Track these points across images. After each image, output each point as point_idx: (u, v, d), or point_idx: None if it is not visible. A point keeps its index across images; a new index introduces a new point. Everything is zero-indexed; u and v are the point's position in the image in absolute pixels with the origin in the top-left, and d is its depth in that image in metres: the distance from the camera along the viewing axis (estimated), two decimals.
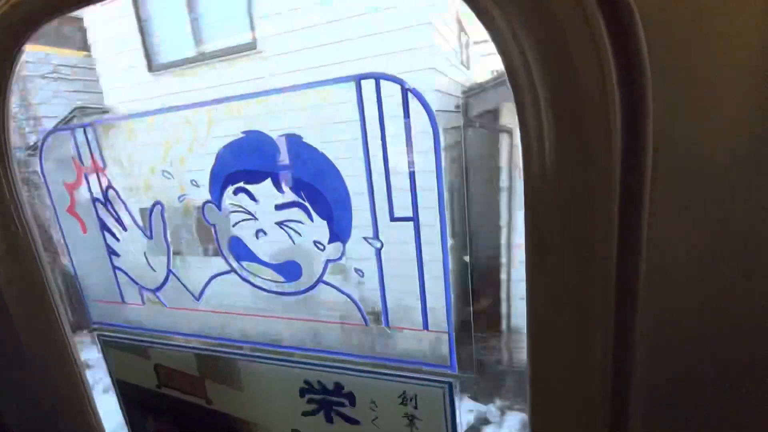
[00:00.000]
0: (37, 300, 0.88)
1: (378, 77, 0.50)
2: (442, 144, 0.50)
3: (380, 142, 0.51)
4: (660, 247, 0.39)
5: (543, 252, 0.45)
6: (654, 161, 0.38)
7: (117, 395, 0.92)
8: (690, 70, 0.35)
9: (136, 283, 0.78)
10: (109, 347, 0.88)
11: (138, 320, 0.82)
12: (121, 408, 0.93)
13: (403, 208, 0.53)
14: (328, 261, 0.60)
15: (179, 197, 0.68)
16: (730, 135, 0.35)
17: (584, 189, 0.42)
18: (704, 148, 0.36)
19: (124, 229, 0.76)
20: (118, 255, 0.78)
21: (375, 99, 0.50)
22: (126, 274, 0.79)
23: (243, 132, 0.59)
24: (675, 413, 0.42)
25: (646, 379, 0.42)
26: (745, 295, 0.38)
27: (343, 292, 0.61)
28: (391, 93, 0.50)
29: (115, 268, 0.80)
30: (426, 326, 0.57)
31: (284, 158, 0.58)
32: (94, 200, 0.76)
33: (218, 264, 0.68)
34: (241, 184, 0.62)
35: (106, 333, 0.87)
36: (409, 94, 0.49)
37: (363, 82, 0.51)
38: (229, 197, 0.64)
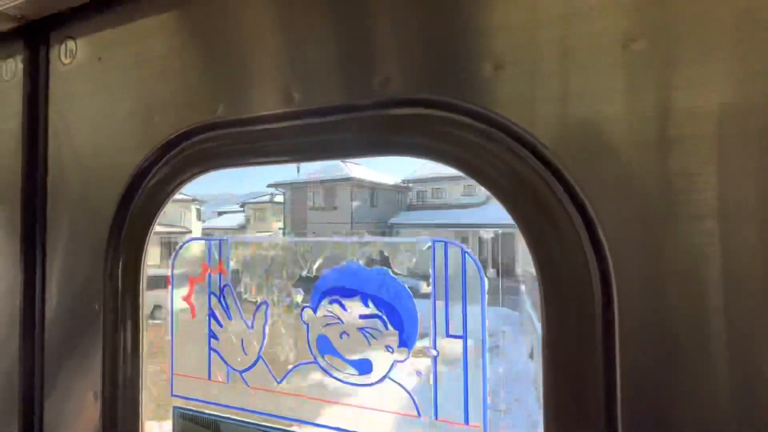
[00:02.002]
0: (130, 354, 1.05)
1: (446, 242, 0.79)
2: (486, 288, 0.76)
3: (444, 281, 0.78)
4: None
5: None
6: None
7: None
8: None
9: (227, 364, 0.98)
10: (181, 419, 1.02)
11: (217, 396, 0.98)
12: None
13: (455, 329, 0.77)
14: (395, 361, 0.82)
15: (284, 299, 0.92)
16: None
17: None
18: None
19: (229, 318, 0.98)
20: (216, 338, 0.99)
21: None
22: (219, 354, 0.99)
23: (347, 261, 0.86)
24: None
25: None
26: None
27: (403, 388, 0.81)
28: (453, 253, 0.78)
29: (210, 348, 1.00)
30: (467, 420, 0.76)
31: (373, 283, 0.84)
32: (210, 294, 1.00)
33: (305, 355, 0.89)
34: (336, 297, 0.87)
35: (183, 406, 1.02)
36: (467, 255, 0.77)
37: (436, 243, 0.79)
38: (324, 306, 0.88)
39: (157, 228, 1.07)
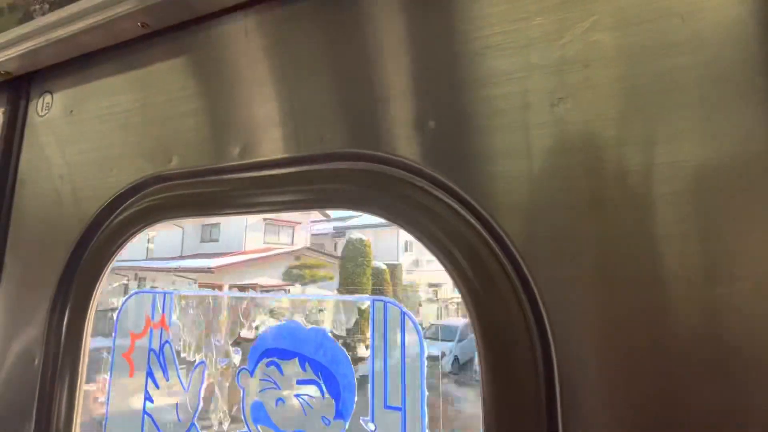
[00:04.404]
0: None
1: (386, 302, 0.74)
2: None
3: (383, 345, 0.72)
4: None
5: None
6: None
7: None
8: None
9: (159, 430, 0.90)
10: None
11: None
12: None
13: (395, 400, 0.71)
14: None
15: (221, 360, 0.87)
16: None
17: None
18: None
19: (167, 378, 0.92)
20: (151, 401, 0.92)
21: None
22: (152, 419, 0.91)
23: (285, 320, 0.82)
24: None
25: None
26: None
27: None
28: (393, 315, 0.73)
29: (145, 412, 0.92)
30: None
31: (312, 344, 0.78)
32: (150, 350, 0.95)
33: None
34: (274, 358, 0.81)
35: None
36: (405, 317, 0.72)
37: (376, 303, 0.75)
38: (261, 368, 0.82)
39: None
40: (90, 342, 1.02)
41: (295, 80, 0.85)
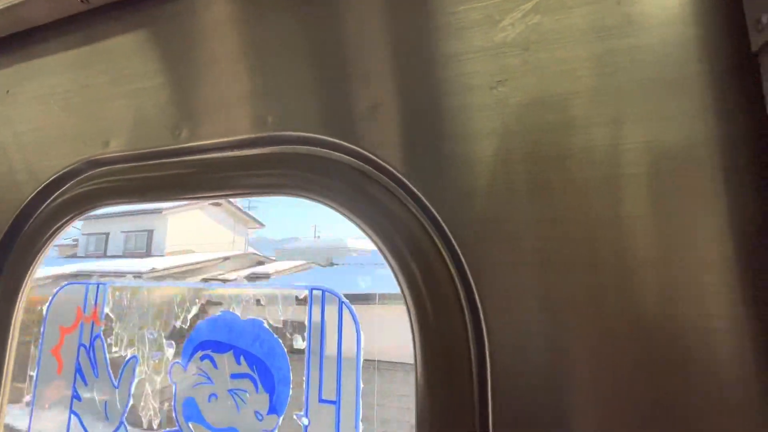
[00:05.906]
0: None
1: (324, 290, 0.71)
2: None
3: (320, 336, 0.69)
4: None
5: None
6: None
7: None
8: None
9: (85, 430, 0.84)
10: None
11: None
12: None
13: (329, 392, 0.67)
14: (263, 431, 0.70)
15: (155, 354, 0.81)
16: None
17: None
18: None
19: (96, 375, 0.86)
20: (80, 399, 0.86)
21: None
22: (78, 419, 0.85)
23: (221, 311, 0.77)
24: None
25: None
26: None
27: None
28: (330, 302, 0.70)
29: (72, 411, 0.86)
30: None
31: (248, 336, 0.74)
32: (80, 345, 0.88)
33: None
34: (208, 351, 0.77)
35: None
36: (343, 306, 0.69)
37: (314, 291, 0.71)
38: (194, 362, 0.77)
39: None
40: (18, 335, 0.95)
41: (241, 61, 0.82)
